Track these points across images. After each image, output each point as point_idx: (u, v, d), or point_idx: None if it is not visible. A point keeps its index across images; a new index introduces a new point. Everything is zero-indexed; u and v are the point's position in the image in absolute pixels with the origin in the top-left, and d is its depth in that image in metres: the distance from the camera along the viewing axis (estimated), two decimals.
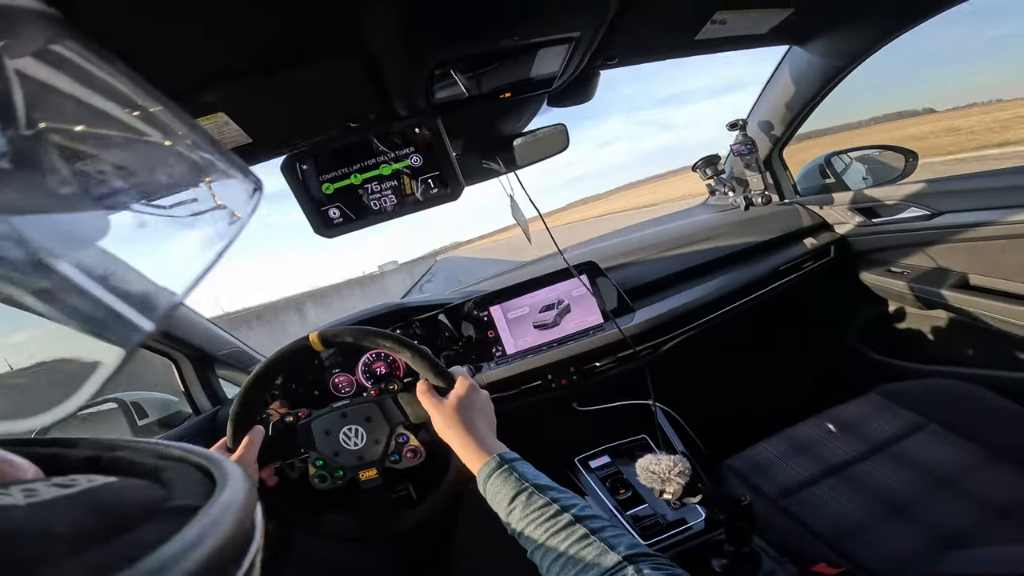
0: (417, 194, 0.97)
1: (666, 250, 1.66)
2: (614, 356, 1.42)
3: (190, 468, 0.27)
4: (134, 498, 0.24)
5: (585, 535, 0.58)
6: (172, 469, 0.27)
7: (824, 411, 1.35)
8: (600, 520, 0.61)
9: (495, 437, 0.79)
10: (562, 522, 0.61)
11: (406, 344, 0.87)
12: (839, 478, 1.13)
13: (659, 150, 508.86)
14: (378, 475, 0.92)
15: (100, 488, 0.24)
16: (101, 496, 0.23)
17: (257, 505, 0.26)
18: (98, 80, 0.26)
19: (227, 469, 0.27)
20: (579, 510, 0.62)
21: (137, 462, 0.28)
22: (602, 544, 0.57)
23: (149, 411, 1.32)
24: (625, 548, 0.56)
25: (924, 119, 32.18)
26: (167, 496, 0.24)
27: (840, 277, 1.74)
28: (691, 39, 1.14)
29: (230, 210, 0.31)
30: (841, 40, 1.36)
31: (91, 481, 0.24)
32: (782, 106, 1.61)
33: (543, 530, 0.61)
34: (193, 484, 0.26)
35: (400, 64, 0.80)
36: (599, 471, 1.35)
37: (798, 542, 1.02)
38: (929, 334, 1.65)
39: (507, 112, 1.16)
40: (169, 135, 0.30)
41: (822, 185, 1.77)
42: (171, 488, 0.25)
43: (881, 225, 1.60)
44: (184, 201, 0.30)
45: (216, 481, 0.26)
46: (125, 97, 0.28)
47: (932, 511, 1.00)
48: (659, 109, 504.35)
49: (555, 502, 0.63)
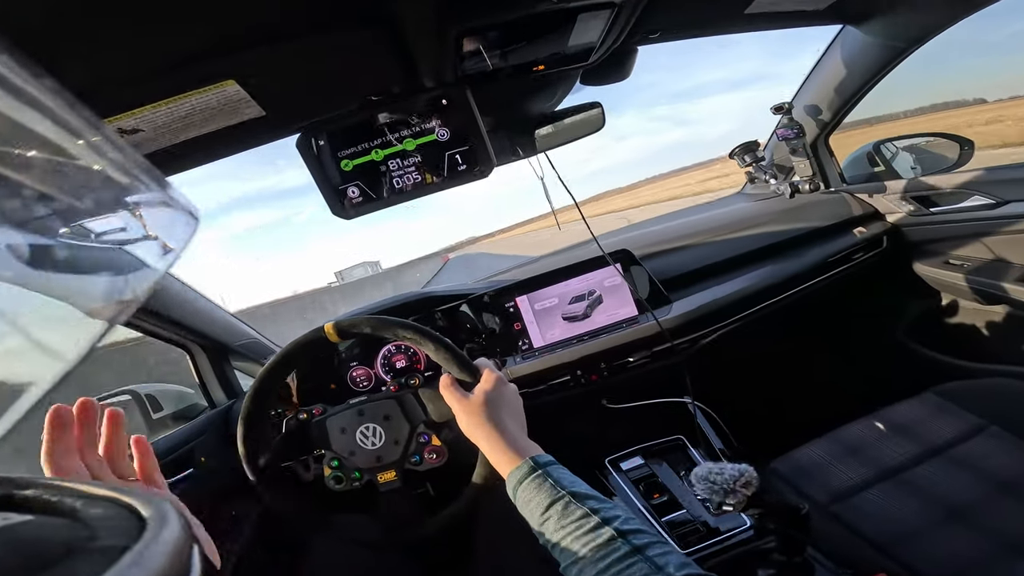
0: (444, 171, 0.91)
1: (705, 239, 1.60)
2: (649, 351, 1.36)
3: (117, 507, 0.26)
4: (53, 537, 0.23)
5: (629, 552, 0.53)
6: (96, 508, 0.26)
7: (875, 411, 1.28)
8: (646, 535, 0.55)
9: (526, 436, 0.73)
10: (603, 536, 0.55)
11: (428, 335, 0.81)
12: (893, 482, 1.08)
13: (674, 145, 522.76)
14: (398, 477, 0.87)
15: (16, 525, 0.23)
16: (16, 534, 0.22)
17: (194, 547, 0.24)
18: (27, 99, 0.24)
19: (160, 509, 0.25)
20: (622, 523, 0.56)
21: (53, 501, 0.27)
22: (648, 563, 0.51)
23: (164, 404, 1.31)
24: (675, 568, 0.51)
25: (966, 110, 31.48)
26: (90, 536, 0.23)
27: (891, 269, 1.66)
28: (741, 12, 1.07)
29: (162, 241, 0.30)
30: (901, 21, 1.28)
31: (6, 519, 0.23)
32: (831, 90, 1.53)
33: (581, 544, 0.56)
34: (120, 524, 0.24)
35: (427, 31, 0.74)
36: (631, 473, 1.29)
37: (851, 550, 0.97)
38: (987, 330, 1.57)
39: (539, 88, 1.10)
40: (99, 158, 0.28)
41: (870, 173, 1.70)
42: (95, 528, 0.24)
43: (939, 214, 1.52)
44: (112, 230, 0.29)
45: (147, 522, 0.24)
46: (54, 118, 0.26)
47: (994, 517, 0.94)
48: (673, 104, 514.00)
49: (595, 513, 0.58)
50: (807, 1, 1.12)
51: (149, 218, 0.30)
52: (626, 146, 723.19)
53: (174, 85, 0.66)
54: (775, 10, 1.10)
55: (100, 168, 0.27)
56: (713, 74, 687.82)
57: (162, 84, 0.65)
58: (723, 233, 1.61)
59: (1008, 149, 3.38)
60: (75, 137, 0.26)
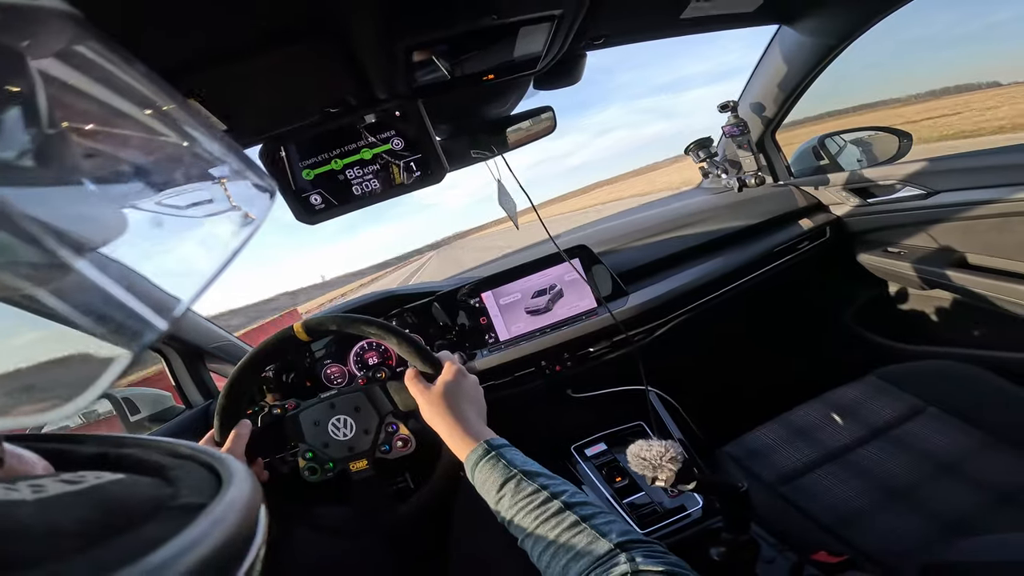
0: (400, 178, 0.96)
1: (659, 233, 1.64)
2: (609, 341, 1.41)
3: (197, 466, 0.28)
4: (140, 495, 0.24)
5: (576, 522, 0.57)
6: (179, 467, 0.27)
7: (822, 395, 1.33)
8: (591, 507, 0.60)
9: (484, 423, 0.77)
10: (552, 509, 0.59)
11: (391, 330, 0.85)
12: (838, 463, 1.12)
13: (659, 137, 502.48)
14: (369, 466, 0.91)
15: (107, 485, 0.24)
16: (108, 493, 0.23)
17: (261, 504, 0.27)
18: (119, 81, 0.26)
19: (233, 468, 0.27)
20: (569, 496, 0.61)
21: (144, 459, 0.28)
22: (593, 531, 0.56)
23: (141, 406, 1.32)
24: (617, 535, 0.55)
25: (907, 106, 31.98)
26: (173, 494, 0.25)
27: (837, 259, 1.72)
28: (676, 18, 1.12)
29: (244, 212, 0.31)
30: (830, 19, 1.33)
31: (99, 478, 0.24)
32: (774, 87, 1.58)
33: (533, 517, 0.60)
34: (199, 482, 0.26)
35: (375, 46, 0.77)
36: (595, 459, 1.34)
37: (798, 529, 1.01)
38: (929, 315, 1.63)
39: (492, 95, 1.14)
40: (187, 136, 0.30)
41: (816, 167, 1.75)
42: (177, 486, 0.25)
43: (877, 205, 1.58)
44: (200, 202, 0.30)
45: (222, 480, 0.26)
46: (145, 98, 0.28)
47: (933, 497, 0.99)
48: (657, 96, 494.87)
49: (544, 488, 0.62)
50: (738, 3, 1.15)
51: (232, 190, 0.31)
52: (610, 139, 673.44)
53: None
54: (710, 13, 1.13)
55: (187, 144, 0.30)
56: (696, 67, 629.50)
57: None
58: (677, 226, 1.65)
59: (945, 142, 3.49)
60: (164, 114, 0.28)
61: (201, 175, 0.30)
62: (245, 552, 0.23)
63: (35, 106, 0.23)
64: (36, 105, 0.23)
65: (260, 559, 0.24)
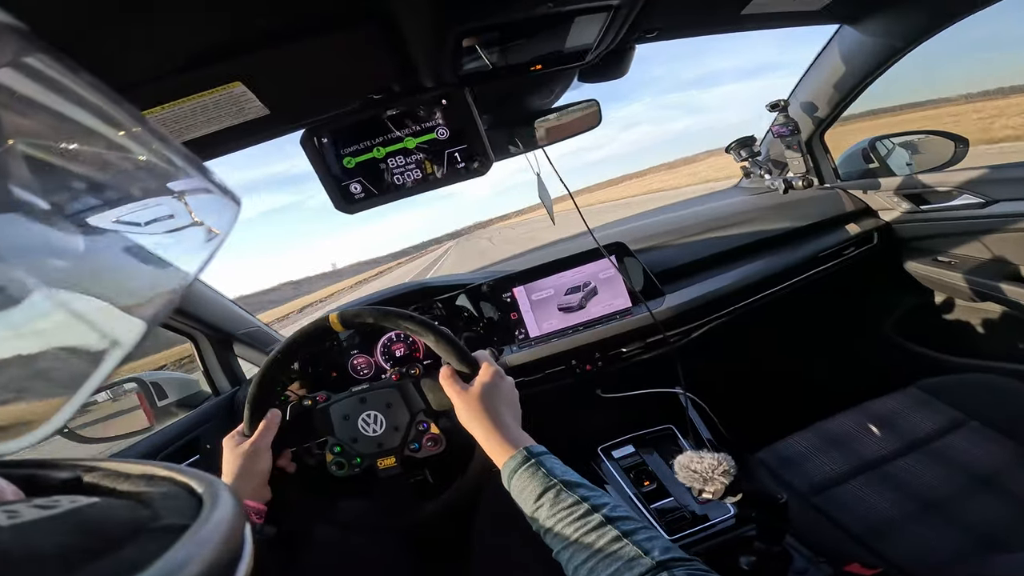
0: (443, 168, 0.93)
1: (699, 233, 1.61)
2: (642, 342, 1.38)
3: (176, 488, 0.27)
4: (119, 518, 0.24)
5: (617, 537, 0.55)
6: (157, 488, 0.27)
7: (860, 405, 1.30)
8: (633, 521, 0.58)
9: (520, 428, 0.76)
10: (592, 522, 0.58)
11: (429, 327, 0.83)
12: (873, 475, 1.10)
13: (684, 133, 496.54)
14: (397, 463, 0.89)
15: (83, 508, 0.23)
16: (85, 516, 0.23)
17: (246, 524, 0.26)
18: (72, 95, 0.25)
19: (215, 488, 0.27)
20: (610, 510, 0.59)
21: (120, 482, 0.28)
22: (635, 547, 0.54)
23: (168, 391, 1.32)
24: (660, 552, 0.53)
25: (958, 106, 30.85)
26: (153, 515, 0.24)
27: (882, 266, 1.67)
28: (737, 13, 1.08)
29: (207, 227, 0.31)
30: (899, 21, 1.28)
31: (74, 502, 0.23)
32: (829, 87, 1.53)
33: (572, 530, 0.58)
34: (180, 504, 0.26)
35: (426, 32, 0.75)
36: (622, 461, 1.31)
37: (830, 540, 0.99)
38: (976, 327, 1.59)
39: (536, 86, 1.11)
40: (145, 151, 0.29)
41: (864, 170, 1.70)
42: (156, 508, 0.25)
43: (930, 212, 1.53)
44: (160, 218, 0.29)
45: (203, 500, 0.25)
46: (100, 112, 0.27)
47: (970, 511, 0.96)
48: (685, 92, 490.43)
49: (585, 500, 0.60)
50: (803, 2, 1.12)
51: (194, 204, 0.30)
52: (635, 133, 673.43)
53: (182, 87, 0.68)
54: (771, 11, 1.10)
55: (144, 158, 0.28)
56: (725, 62, 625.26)
57: (171, 86, 0.67)
58: (717, 227, 1.61)
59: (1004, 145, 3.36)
60: (118, 128, 0.27)
61: (159, 189, 0.29)
62: (232, 573, 0.23)
63: None
64: None
65: None
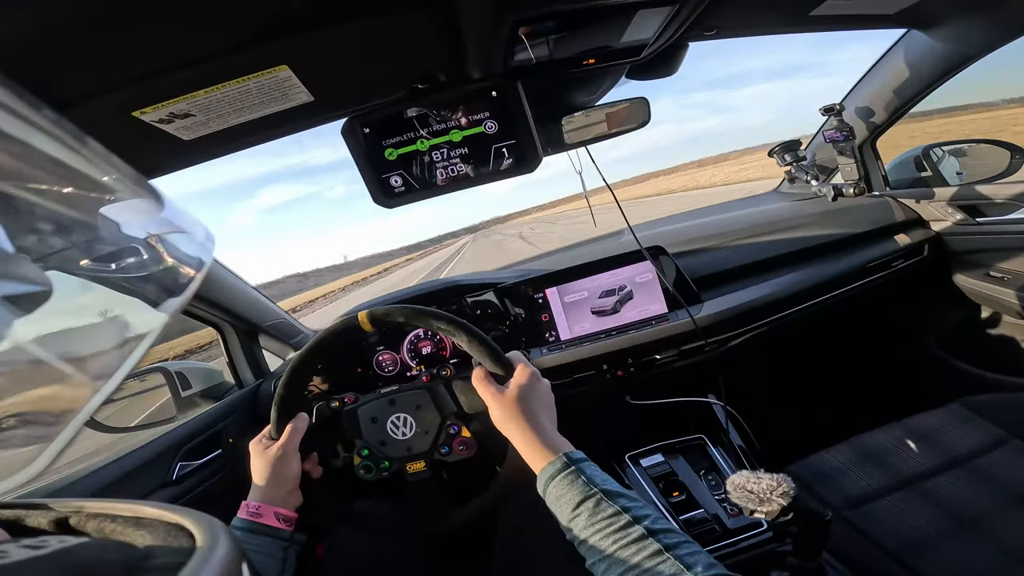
0: (489, 164, 0.90)
1: (740, 238, 1.56)
2: (677, 349, 1.35)
3: (166, 527, 0.27)
4: (109, 559, 0.24)
5: (658, 551, 0.53)
6: (147, 529, 0.26)
7: (900, 420, 1.26)
8: (675, 535, 0.56)
9: (557, 432, 0.72)
10: (633, 535, 0.55)
11: (462, 327, 0.80)
12: (911, 491, 1.07)
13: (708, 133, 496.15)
14: (426, 467, 0.87)
15: (73, 548, 0.23)
16: (75, 557, 0.23)
17: (243, 561, 0.25)
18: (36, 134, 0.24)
19: (209, 525, 0.26)
20: (652, 522, 0.57)
21: (107, 524, 0.28)
22: (677, 562, 0.52)
23: (193, 382, 1.31)
24: (703, 568, 0.51)
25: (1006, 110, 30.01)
26: (146, 554, 0.24)
27: (930, 278, 1.62)
28: (806, 14, 1.04)
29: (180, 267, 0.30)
30: (974, 28, 1.22)
31: (62, 542, 0.23)
32: (889, 92, 1.47)
33: (611, 541, 0.56)
34: (172, 542, 0.25)
35: (482, 19, 0.71)
36: (651, 470, 1.29)
37: (863, 556, 0.96)
38: (1023, 345, 1.53)
39: (584, 82, 1.07)
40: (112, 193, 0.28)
41: (916, 178, 1.64)
42: (150, 548, 0.24)
43: (986, 225, 1.47)
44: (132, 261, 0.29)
45: (196, 539, 0.25)
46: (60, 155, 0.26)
47: (1008, 530, 0.94)
48: (710, 91, 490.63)
49: (626, 511, 0.58)
50: (876, 5, 1.07)
51: (166, 245, 0.30)
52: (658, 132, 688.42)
53: (227, 70, 0.65)
54: (842, 12, 1.05)
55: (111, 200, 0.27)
56: (754, 62, 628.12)
57: (215, 69, 0.64)
58: (759, 232, 1.57)
59: None
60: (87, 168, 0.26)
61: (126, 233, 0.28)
62: None
63: None
64: None
65: None
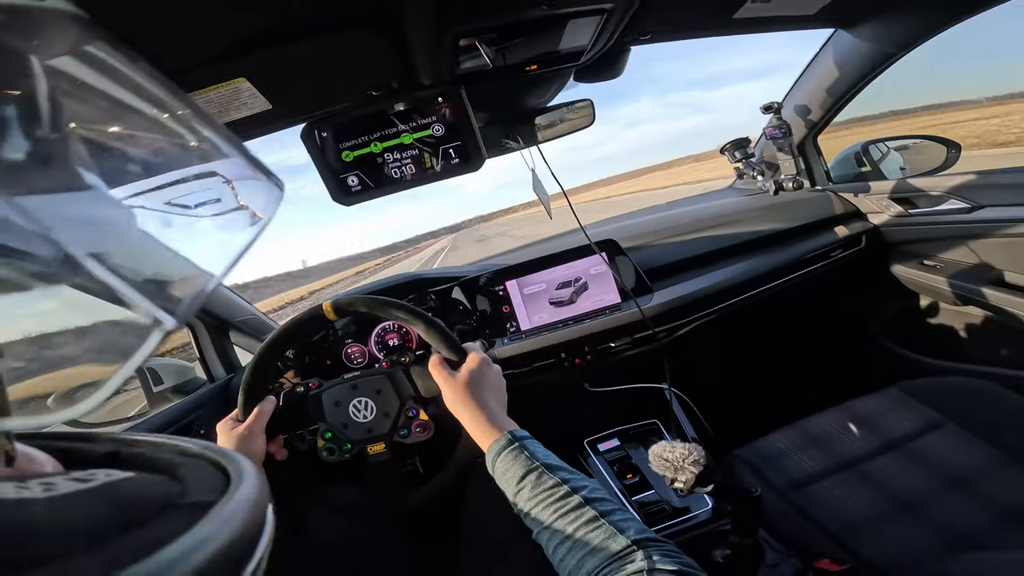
0: (437, 164, 0.96)
1: (689, 232, 1.62)
2: (630, 337, 1.40)
3: (206, 464, 0.28)
4: (150, 493, 0.24)
5: (594, 517, 0.57)
6: (188, 465, 0.27)
7: (841, 404, 1.31)
8: (610, 503, 0.60)
9: (506, 414, 0.77)
10: (571, 503, 0.59)
11: (419, 315, 0.85)
12: (850, 473, 1.11)
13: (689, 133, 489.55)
14: (386, 449, 0.91)
15: (118, 483, 0.24)
16: (118, 490, 0.24)
17: (269, 503, 0.27)
18: (127, 82, 0.26)
19: (242, 466, 0.27)
20: (589, 492, 0.61)
21: (155, 457, 0.28)
22: (611, 527, 0.56)
23: (164, 377, 1.33)
24: (635, 533, 0.55)
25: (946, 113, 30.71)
26: (182, 492, 0.25)
27: (869, 268, 1.69)
28: (729, 17, 1.09)
29: (252, 211, 0.31)
30: (893, 26, 1.29)
31: (109, 476, 0.24)
32: (822, 91, 1.54)
33: (551, 511, 0.60)
34: (208, 480, 0.26)
35: (426, 33, 0.77)
36: (607, 454, 1.34)
37: (803, 536, 1.01)
38: (959, 331, 1.60)
39: (532, 85, 1.12)
40: (195, 138, 0.30)
41: (857, 173, 1.71)
42: (187, 484, 0.26)
43: (918, 216, 1.54)
44: (208, 201, 0.30)
45: (231, 478, 0.26)
46: (153, 100, 0.27)
47: (943, 511, 0.98)
48: (690, 91, 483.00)
49: (565, 483, 0.62)
50: (796, 6, 1.12)
51: (240, 188, 0.31)
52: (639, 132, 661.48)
53: (190, 83, 0.70)
54: (764, 15, 1.10)
55: (194, 143, 0.29)
56: (734, 63, 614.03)
57: (179, 82, 0.70)
58: (708, 226, 1.62)
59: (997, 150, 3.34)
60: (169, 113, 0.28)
61: (207, 174, 0.30)
62: (253, 550, 0.23)
63: (39, 108, 0.23)
64: (40, 107, 0.23)
65: (266, 557, 0.24)
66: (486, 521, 1.19)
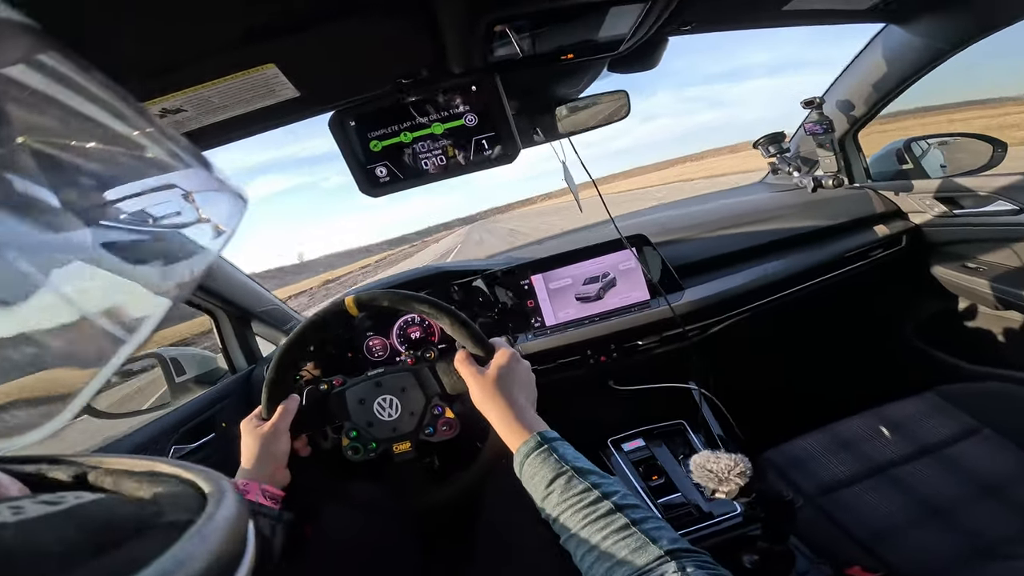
0: (470, 155, 0.93)
1: (722, 228, 1.59)
2: (658, 335, 1.37)
3: (180, 483, 0.28)
4: (123, 514, 0.24)
5: (625, 525, 0.55)
6: (162, 485, 0.27)
7: (874, 408, 1.29)
8: (642, 510, 0.58)
9: (535, 412, 0.75)
10: (602, 510, 0.57)
11: (445, 310, 0.83)
12: (882, 478, 1.09)
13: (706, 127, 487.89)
14: (412, 448, 0.89)
15: (88, 504, 0.24)
16: (90, 512, 0.23)
17: (249, 521, 0.26)
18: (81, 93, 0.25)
19: (220, 485, 0.27)
20: (620, 498, 0.59)
21: (124, 479, 0.28)
22: (643, 536, 0.53)
23: (187, 367, 1.34)
24: (668, 542, 0.53)
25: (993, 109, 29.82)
26: (157, 512, 0.24)
27: (908, 269, 1.64)
28: (779, 9, 1.06)
29: (215, 224, 0.31)
30: (949, 23, 1.24)
31: (79, 498, 0.24)
32: (868, 86, 1.49)
33: (581, 517, 0.58)
34: (184, 500, 0.26)
35: (460, 18, 0.74)
36: (632, 454, 1.32)
37: (832, 542, 0.99)
38: (999, 336, 1.56)
39: (566, 75, 1.09)
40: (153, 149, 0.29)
41: (897, 171, 1.65)
42: (161, 504, 0.25)
43: (963, 217, 1.49)
44: (168, 215, 0.30)
45: (207, 497, 0.26)
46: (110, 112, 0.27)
47: (973, 519, 0.96)
48: (709, 85, 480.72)
49: (596, 488, 0.60)
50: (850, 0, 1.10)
51: (201, 201, 0.31)
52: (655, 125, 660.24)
53: (217, 68, 0.68)
54: (816, 7, 1.07)
55: (153, 156, 0.28)
56: (753, 58, 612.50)
57: (206, 67, 0.68)
58: (741, 223, 1.59)
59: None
60: (128, 128, 0.27)
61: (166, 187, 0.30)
62: (234, 570, 0.23)
63: None
64: None
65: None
66: (503, 526, 1.18)
